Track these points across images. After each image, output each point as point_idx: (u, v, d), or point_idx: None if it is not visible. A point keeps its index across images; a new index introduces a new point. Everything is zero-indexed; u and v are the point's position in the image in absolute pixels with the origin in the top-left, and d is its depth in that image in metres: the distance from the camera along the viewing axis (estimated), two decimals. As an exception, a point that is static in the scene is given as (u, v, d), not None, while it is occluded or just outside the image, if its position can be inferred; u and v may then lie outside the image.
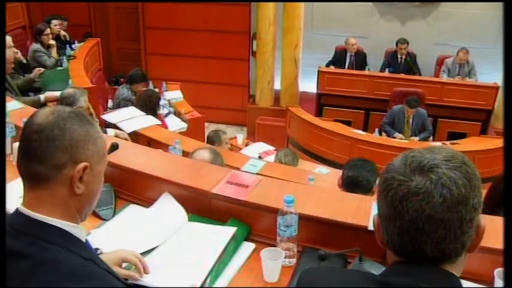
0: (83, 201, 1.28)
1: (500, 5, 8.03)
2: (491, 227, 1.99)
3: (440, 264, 1.06)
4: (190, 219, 2.06)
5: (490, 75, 8.05)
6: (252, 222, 2.00)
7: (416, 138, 6.84)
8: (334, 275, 1.17)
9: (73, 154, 1.22)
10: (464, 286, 1.77)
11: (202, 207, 2.10)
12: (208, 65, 9.16)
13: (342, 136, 6.38)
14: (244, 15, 8.94)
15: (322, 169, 4.97)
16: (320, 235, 1.92)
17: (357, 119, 7.71)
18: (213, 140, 4.95)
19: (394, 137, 6.78)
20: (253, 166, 4.04)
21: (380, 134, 6.96)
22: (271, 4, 8.15)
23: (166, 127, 5.51)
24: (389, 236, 1.09)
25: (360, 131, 6.99)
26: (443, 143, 6.80)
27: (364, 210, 1.93)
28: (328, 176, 4.28)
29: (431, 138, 7.14)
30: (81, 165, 1.22)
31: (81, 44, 7.63)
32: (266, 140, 6.47)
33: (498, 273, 1.78)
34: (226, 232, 1.93)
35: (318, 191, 2.18)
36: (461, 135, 7.44)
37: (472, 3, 8.32)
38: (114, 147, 2.23)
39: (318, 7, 8.77)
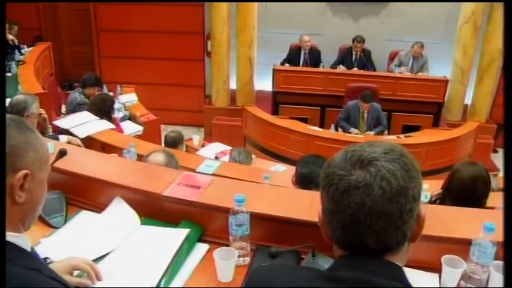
0: (26, 209, 1.24)
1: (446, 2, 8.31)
2: (439, 216, 2.06)
3: (384, 255, 1.08)
4: (142, 223, 2.05)
5: (439, 69, 8.30)
6: (205, 223, 2.01)
7: (372, 133, 6.95)
8: (281, 272, 1.17)
9: (12, 162, 1.19)
10: (413, 274, 1.83)
11: (154, 210, 2.09)
12: (163, 67, 9.09)
13: (298, 133, 6.43)
14: (197, 16, 8.92)
15: (279, 167, 4.99)
16: (273, 233, 1.94)
17: (313, 116, 7.78)
18: (177, 141, 4.92)
19: (350, 132, 6.87)
20: (209, 167, 4.03)
21: (336, 129, 7.05)
22: (224, 4, 8.15)
23: (121, 131, 5.44)
24: (333, 231, 1.10)
25: (316, 128, 7.06)
26: (397, 136, 6.95)
27: (316, 206, 1.91)
28: (284, 173, 4.31)
29: (386, 132, 7.27)
30: (21, 173, 1.19)
31: (31, 48, 7.45)
32: (223, 140, 6.46)
33: (445, 260, 1.83)
34: (179, 234, 1.93)
35: (270, 189, 2.20)
36: (415, 128, 7.61)
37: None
38: (62, 153, 2.19)
39: (271, 6, 8.81)
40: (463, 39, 8.20)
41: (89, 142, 4.65)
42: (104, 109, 5.39)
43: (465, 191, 2.68)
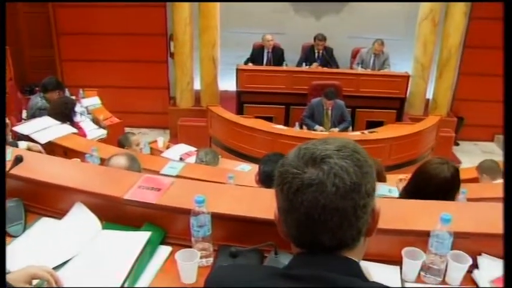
0: None
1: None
2: (399, 210, 2.10)
3: (340, 252, 1.09)
4: (104, 228, 2.02)
5: (401, 65, 8.45)
6: (167, 225, 1.99)
7: (336, 130, 7.01)
8: (238, 271, 1.18)
9: None
10: (375, 268, 1.85)
11: (116, 214, 2.06)
12: (126, 69, 9.01)
13: (263, 132, 6.46)
14: (160, 17, 8.87)
15: (245, 166, 5.00)
16: (235, 232, 1.94)
17: (278, 115, 7.82)
18: (123, 143, 4.88)
19: (314, 130, 6.92)
20: (173, 168, 4.02)
21: (301, 127, 7.09)
22: (186, 5, 8.11)
23: (84, 135, 5.37)
24: (289, 229, 1.10)
25: (281, 126, 7.10)
26: (362, 132, 7.04)
27: (278, 205, 1.95)
28: (249, 172, 4.31)
29: (350, 128, 7.35)
30: None
31: (-12, 53, 7.28)
32: (189, 141, 6.44)
33: (405, 252, 1.86)
34: (140, 237, 1.91)
35: (232, 189, 2.21)
36: (379, 124, 7.73)
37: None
38: (18, 160, 2.15)
39: (234, 6, 8.81)
40: (423, 35, 8.37)
41: (51, 147, 4.57)
42: (65, 112, 5.31)
43: (439, 195, 2.68)
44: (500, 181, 4.69)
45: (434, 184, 2.73)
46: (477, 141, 9.32)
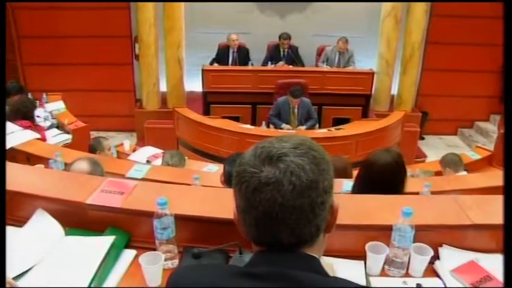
0: None
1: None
2: (363, 205, 2.12)
3: (299, 249, 1.10)
4: (67, 234, 1.99)
5: (365, 62, 8.56)
6: (131, 228, 1.98)
7: (303, 127, 7.05)
8: (198, 272, 1.18)
9: None
10: (340, 264, 1.87)
11: (79, 219, 2.03)
12: (90, 72, 8.90)
13: (230, 132, 6.45)
14: (124, 18, 8.78)
15: (212, 167, 4.99)
16: (200, 233, 1.93)
17: (245, 114, 7.83)
18: (95, 148, 4.82)
19: (281, 128, 6.95)
20: (138, 171, 3.98)
21: (268, 126, 7.11)
22: (150, 6, 8.05)
23: (44, 139, 5.27)
24: (248, 228, 1.11)
25: (248, 126, 7.11)
26: (328, 129, 7.09)
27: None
28: (216, 173, 4.30)
29: (317, 125, 7.40)
30: None
31: None
32: (156, 143, 6.39)
33: (369, 247, 1.89)
34: (104, 242, 1.89)
35: (196, 190, 2.20)
36: (345, 121, 7.80)
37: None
38: (-24, 167, 2.10)
39: (199, 6, 8.78)
40: (386, 32, 8.49)
41: (13, 154, 4.48)
42: (23, 110, 5.20)
43: (385, 180, 2.74)
44: (463, 173, 4.79)
45: (378, 170, 2.79)
46: (442, 135, 9.50)
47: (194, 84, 8.56)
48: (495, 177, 4.55)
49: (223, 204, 1.97)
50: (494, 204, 2.16)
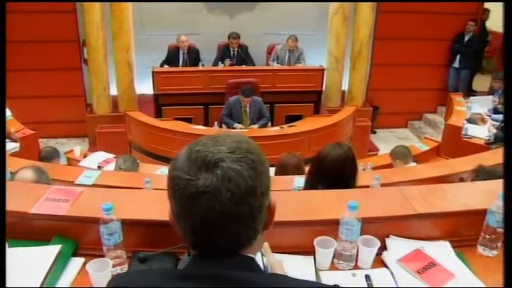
0: None
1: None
2: (311, 201, 2.15)
3: (236, 251, 1.09)
4: (10, 246, 1.93)
5: (315, 58, 8.66)
6: (78, 236, 1.94)
7: (256, 126, 7.08)
8: (136, 276, 1.17)
9: None
10: (290, 260, 1.89)
11: (24, 230, 1.98)
12: (38, 78, 8.65)
13: (182, 134, 6.39)
14: (70, 22, 8.55)
15: (165, 169, 4.93)
16: (148, 237, 1.92)
17: (197, 115, 7.79)
18: (51, 156, 4.72)
19: (234, 128, 6.96)
20: (88, 177, 3.90)
21: (220, 126, 7.11)
22: (97, 8, 7.89)
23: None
24: (183, 233, 1.09)
25: (201, 127, 7.09)
26: (281, 127, 7.13)
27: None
28: (168, 175, 4.26)
29: (269, 124, 7.44)
30: None
31: None
32: (109, 148, 6.30)
33: (317, 242, 1.91)
34: (50, 251, 1.85)
35: (143, 194, 2.18)
36: (298, 118, 7.85)
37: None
38: None
39: (147, 7, 8.67)
40: (335, 29, 8.60)
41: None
42: None
43: (336, 173, 2.78)
44: (412, 164, 4.91)
45: (329, 163, 2.81)
46: (392, 128, 9.71)
47: (145, 87, 8.43)
48: (441, 167, 4.69)
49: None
50: (438, 193, 2.22)
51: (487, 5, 9.94)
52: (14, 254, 1.89)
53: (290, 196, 2.38)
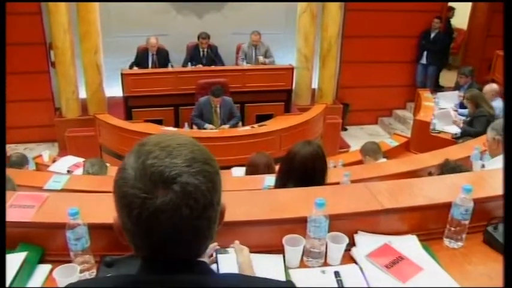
0: None
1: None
2: (279, 200, 2.16)
3: (190, 259, 1.08)
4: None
5: (284, 57, 8.71)
6: (44, 242, 1.92)
7: (226, 126, 7.06)
8: (91, 284, 1.16)
9: None
10: (259, 259, 1.90)
11: (-13, 238, 1.95)
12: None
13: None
14: (36, 25, 8.39)
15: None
16: (116, 241, 1.89)
17: (167, 116, 7.75)
18: (22, 162, 4.63)
19: (205, 128, 6.93)
20: (57, 182, 3.84)
21: (191, 127, 7.08)
22: (63, 10, 7.75)
23: None
24: (137, 248, 1.06)
25: (171, 128, 7.06)
26: (251, 127, 7.14)
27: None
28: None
29: (240, 123, 7.43)
30: None
31: None
32: (79, 152, 6.22)
33: (286, 240, 1.92)
34: (15, 259, 1.82)
35: (110, 198, 2.14)
36: (268, 117, 7.86)
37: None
38: None
39: (114, 8, 8.56)
40: (303, 28, 8.64)
41: None
42: None
43: (306, 171, 2.80)
44: (382, 160, 4.97)
45: (299, 161, 2.84)
46: (363, 125, 9.80)
47: (115, 90, 8.33)
48: (410, 162, 4.76)
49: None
50: (404, 188, 2.26)
51: (451, 3, 10.13)
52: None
53: (259, 195, 2.39)
